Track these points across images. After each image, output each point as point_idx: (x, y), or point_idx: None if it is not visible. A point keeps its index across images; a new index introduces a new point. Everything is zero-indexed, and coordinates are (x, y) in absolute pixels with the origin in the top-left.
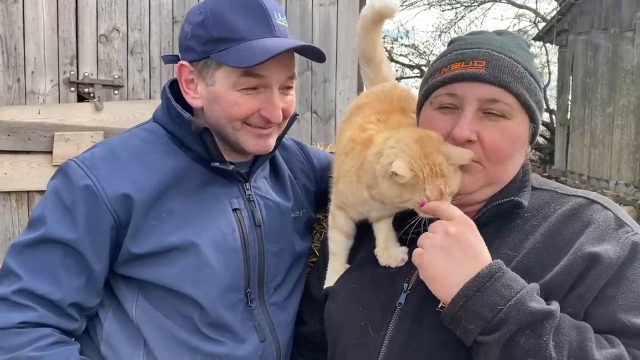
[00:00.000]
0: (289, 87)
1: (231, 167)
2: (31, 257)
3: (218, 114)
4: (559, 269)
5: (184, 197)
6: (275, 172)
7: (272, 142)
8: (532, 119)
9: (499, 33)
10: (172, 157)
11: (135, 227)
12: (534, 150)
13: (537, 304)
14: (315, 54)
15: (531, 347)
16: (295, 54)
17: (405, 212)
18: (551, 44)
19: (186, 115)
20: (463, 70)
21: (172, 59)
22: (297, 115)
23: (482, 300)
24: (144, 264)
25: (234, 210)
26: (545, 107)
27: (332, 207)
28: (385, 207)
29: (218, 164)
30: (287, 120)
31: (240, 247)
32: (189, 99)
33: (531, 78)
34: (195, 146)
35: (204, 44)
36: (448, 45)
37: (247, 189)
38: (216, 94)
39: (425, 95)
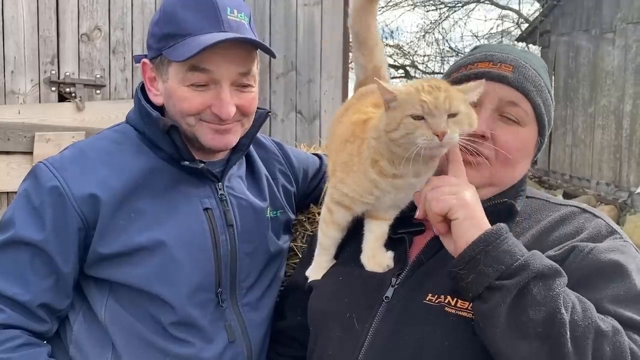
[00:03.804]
0: (246, 85)
1: (201, 165)
2: (0, 259)
3: (172, 110)
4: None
5: (153, 197)
6: (251, 171)
7: (232, 138)
8: (541, 133)
9: (524, 52)
10: (142, 158)
11: (102, 227)
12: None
13: (553, 263)
14: (264, 49)
15: (542, 297)
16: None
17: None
18: (534, 45)
19: (154, 113)
20: (490, 69)
21: (142, 58)
22: (270, 112)
23: (502, 247)
24: (113, 265)
25: (205, 209)
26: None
27: (328, 202)
28: (398, 183)
29: (187, 162)
30: (254, 118)
31: (211, 246)
32: (151, 96)
33: (548, 94)
34: (165, 145)
35: (158, 41)
36: (472, 51)
37: (220, 189)
38: (170, 89)
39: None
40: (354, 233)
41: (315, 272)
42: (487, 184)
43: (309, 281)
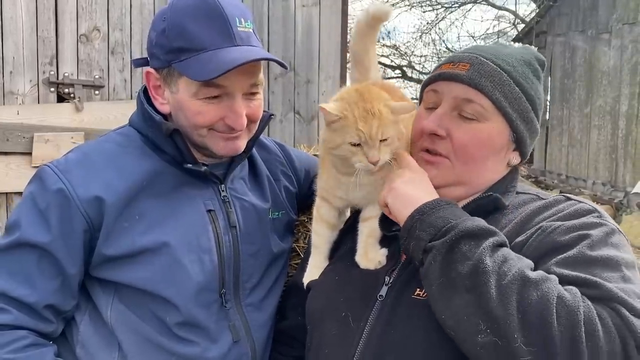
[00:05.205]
0: (254, 93)
1: (203, 168)
2: (6, 261)
3: (183, 121)
4: (516, 242)
5: (157, 199)
6: (253, 173)
7: (241, 143)
8: (513, 126)
9: (504, 47)
10: (145, 160)
11: (107, 229)
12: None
13: (487, 225)
14: (279, 63)
15: (471, 253)
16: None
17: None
18: (530, 45)
19: (157, 117)
20: (447, 70)
21: (141, 63)
22: (273, 115)
23: (436, 214)
24: (118, 266)
25: (209, 211)
26: (534, 118)
27: (317, 199)
28: (357, 180)
29: (190, 165)
30: (259, 122)
31: (214, 247)
32: (157, 104)
33: (516, 87)
34: (168, 148)
35: (166, 52)
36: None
37: (223, 190)
38: (180, 102)
39: (421, 92)
40: (349, 232)
41: (310, 274)
42: (454, 183)
43: (305, 282)
